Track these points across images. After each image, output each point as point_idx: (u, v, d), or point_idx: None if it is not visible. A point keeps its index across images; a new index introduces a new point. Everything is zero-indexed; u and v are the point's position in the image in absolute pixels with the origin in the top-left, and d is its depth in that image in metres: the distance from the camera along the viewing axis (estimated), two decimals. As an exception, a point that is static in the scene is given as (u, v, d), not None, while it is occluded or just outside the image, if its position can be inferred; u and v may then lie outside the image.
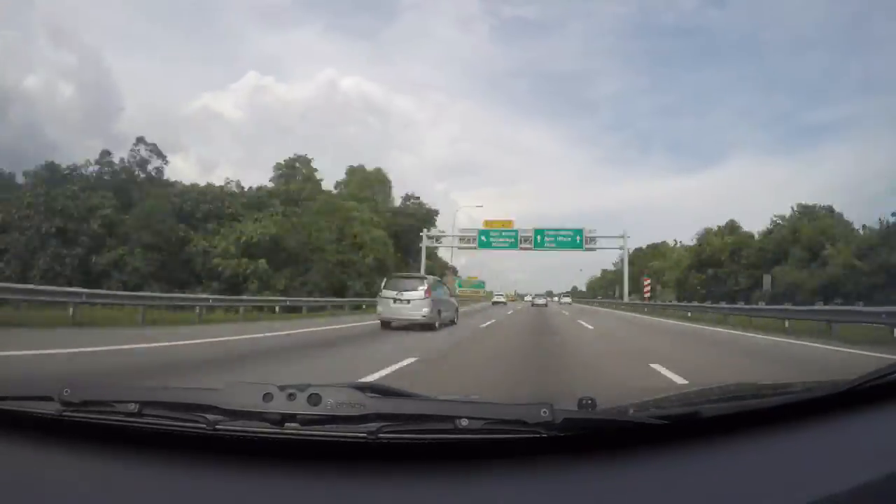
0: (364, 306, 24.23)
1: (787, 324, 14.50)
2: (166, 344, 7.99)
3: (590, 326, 16.00)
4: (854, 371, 1.14)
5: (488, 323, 16.58)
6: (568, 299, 65.72)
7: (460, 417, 0.89)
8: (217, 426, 0.91)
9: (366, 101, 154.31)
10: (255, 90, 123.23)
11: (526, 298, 76.70)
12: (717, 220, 52.43)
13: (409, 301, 11.93)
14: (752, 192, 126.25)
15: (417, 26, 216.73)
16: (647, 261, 67.37)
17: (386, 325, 12.17)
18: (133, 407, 0.99)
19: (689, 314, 23.78)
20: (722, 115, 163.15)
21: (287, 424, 0.90)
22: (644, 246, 73.63)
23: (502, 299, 55.26)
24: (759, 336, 12.64)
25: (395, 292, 12.16)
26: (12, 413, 1.07)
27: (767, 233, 45.36)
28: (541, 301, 49.46)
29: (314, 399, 0.90)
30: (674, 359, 7.54)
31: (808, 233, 40.10)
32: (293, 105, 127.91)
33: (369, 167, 52.71)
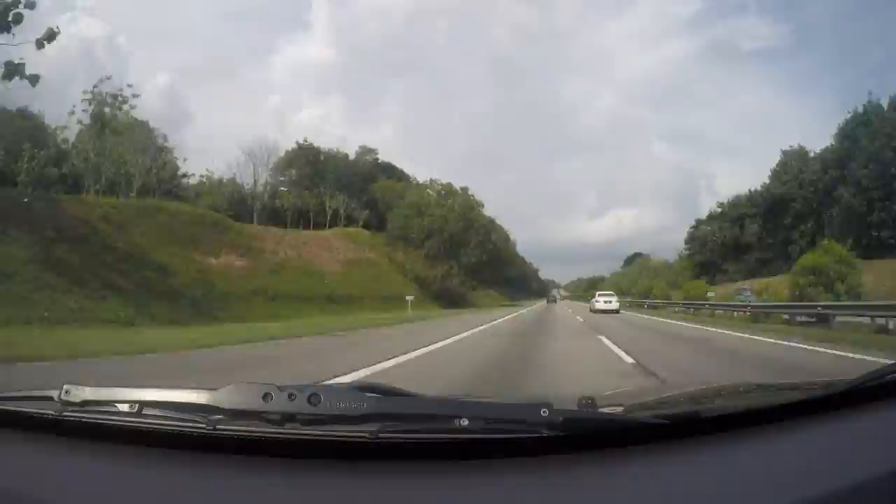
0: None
1: None
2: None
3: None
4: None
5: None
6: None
7: (460, 417, 0.89)
8: (217, 426, 0.91)
9: None
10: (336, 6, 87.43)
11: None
12: None
13: (555, 298, 71.49)
14: None
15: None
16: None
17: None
18: (133, 407, 0.99)
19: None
20: None
21: (287, 424, 0.90)
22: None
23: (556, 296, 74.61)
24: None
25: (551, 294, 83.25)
26: (12, 413, 1.07)
27: None
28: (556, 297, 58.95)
29: (314, 399, 0.90)
30: None
31: None
32: (393, 15, 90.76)
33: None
